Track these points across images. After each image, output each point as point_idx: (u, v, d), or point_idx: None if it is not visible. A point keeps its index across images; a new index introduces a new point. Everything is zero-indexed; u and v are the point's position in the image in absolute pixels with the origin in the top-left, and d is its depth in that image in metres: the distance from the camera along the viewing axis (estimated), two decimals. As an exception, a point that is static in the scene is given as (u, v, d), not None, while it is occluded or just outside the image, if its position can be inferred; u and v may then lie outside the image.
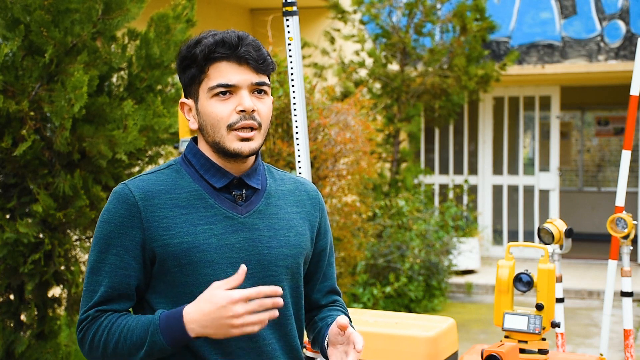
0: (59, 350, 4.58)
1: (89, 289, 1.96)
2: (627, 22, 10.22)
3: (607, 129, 13.82)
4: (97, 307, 1.94)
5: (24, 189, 4.42)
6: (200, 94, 1.98)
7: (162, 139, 4.74)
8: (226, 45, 1.94)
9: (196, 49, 1.97)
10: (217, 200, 1.99)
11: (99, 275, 1.95)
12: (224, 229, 1.97)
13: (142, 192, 1.96)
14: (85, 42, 4.29)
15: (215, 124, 1.96)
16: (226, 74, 1.95)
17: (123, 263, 1.94)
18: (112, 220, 1.95)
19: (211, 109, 1.95)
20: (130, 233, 1.93)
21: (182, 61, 2.00)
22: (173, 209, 1.96)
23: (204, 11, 8.96)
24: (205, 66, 1.96)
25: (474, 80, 9.47)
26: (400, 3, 9.63)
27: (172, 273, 1.94)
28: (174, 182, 1.99)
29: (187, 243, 1.93)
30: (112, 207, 1.96)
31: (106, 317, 1.93)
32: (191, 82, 2.00)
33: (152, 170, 2.04)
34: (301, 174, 4.08)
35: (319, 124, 6.60)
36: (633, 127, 4.10)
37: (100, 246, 1.95)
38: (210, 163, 2.01)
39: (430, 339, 3.81)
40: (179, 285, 1.94)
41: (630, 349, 3.95)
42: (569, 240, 3.95)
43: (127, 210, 1.94)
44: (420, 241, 8.37)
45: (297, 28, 3.70)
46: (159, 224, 1.94)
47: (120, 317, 1.93)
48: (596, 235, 12.42)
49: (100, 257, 1.95)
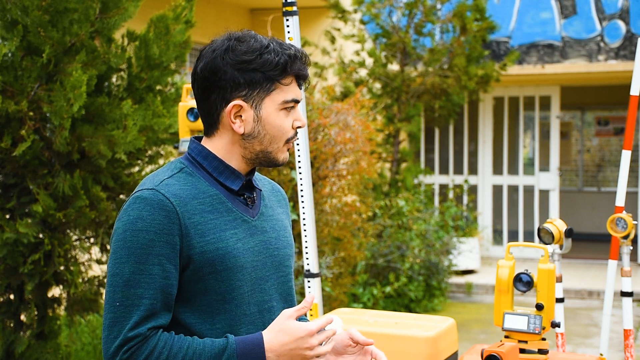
0: (59, 350, 4.58)
1: (126, 303, 1.83)
2: (627, 22, 10.22)
3: (607, 129, 13.82)
4: (144, 323, 1.83)
5: (24, 189, 4.42)
6: (266, 103, 1.95)
7: (162, 139, 4.74)
8: (300, 62, 1.98)
9: (272, 57, 1.93)
10: (233, 204, 1.98)
11: (138, 288, 1.84)
12: (244, 233, 1.97)
13: (177, 198, 1.90)
14: (83, 41, 4.29)
15: (279, 137, 1.98)
16: (294, 88, 1.99)
17: (166, 273, 1.86)
18: (151, 229, 1.85)
19: (280, 122, 1.97)
20: (171, 241, 1.86)
21: (246, 62, 1.93)
22: (203, 214, 1.92)
23: (204, 11, 8.96)
24: (280, 77, 1.95)
25: (474, 80, 9.46)
26: (400, 3, 9.62)
27: (205, 280, 1.90)
28: (194, 187, 1.95)
29: (222, 249, 1.91)
30: (148, 214, 1.86)
31: (159, 338, 1.84)
32: (254, 87, 1.94)
33: (167, 174, 1.97)
34: (301, 174, 4.09)
35: (319, 124, 6.59)
36: (633, 127, 4.10)
37: (137, 256, 1.85)
38: (224, 165, 1.99)
39: (430, 339, 3.81)
40: (211, 292, 1.91)
41: (630, 349, 3.95)
42: (569, 240, 3.95)
43: (165, 217, 1.86)
44: (420, 241, 8.37)
45: (297, 28, 3.70)
46: (196, 230, 1.89)
47: (178, 339, 1.85)
48: (596, 235, 12.42)
49: (139, 268, 1.84)
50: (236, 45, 1.94)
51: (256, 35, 1.98)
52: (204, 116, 2.01)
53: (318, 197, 6.63)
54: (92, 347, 6.01)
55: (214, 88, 1.95)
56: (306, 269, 4.14)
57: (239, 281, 1.93)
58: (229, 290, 1.91)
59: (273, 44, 1.96)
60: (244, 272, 1.94)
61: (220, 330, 1.91)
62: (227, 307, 1.92)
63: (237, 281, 1.92)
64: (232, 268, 1.91)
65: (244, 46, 1.94)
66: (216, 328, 1.91)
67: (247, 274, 1.94)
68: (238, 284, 1.92)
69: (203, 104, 1.99)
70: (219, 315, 1.91)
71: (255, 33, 1.99)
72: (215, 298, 1.91)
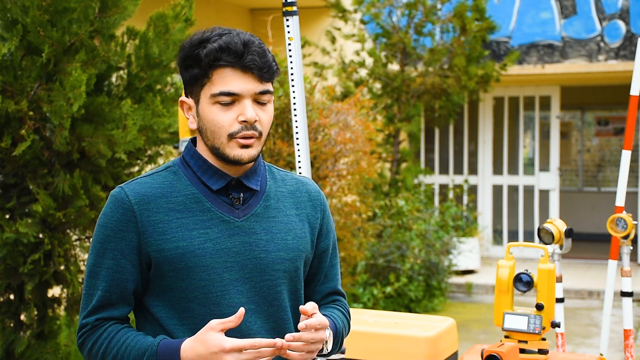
0: (59, 350, 4.58)
1: (88, 292, 1.96)
2: (627, 22, 10.22)
3: (607, 129, 13.82)
4: (96, 313, 1.94)
5: (24, 188, 4.42)
6: (201, 97, 1.94)
7: (162, 138, 4.73)
8: (232, 52, 1.89)
9: (200, 51, 1.91)
10: (214, 203, 1.97)
11: (96, 279, 1.95)
12: (219, 233, 1.95)
13: (138, 196, 1.94)
14: (83, 40, 4.29)
15: (216, 131, 1.93)
16: (230, 81, 1.90)
17: (119, 267, 1.93)
18: (109, 224, 1.94)
19: (212, 116, 1.92)
20: (127, 237, 1.93)
21: (184, 60, 1.96)
22: (169, 212, 1.94)
23: (204, 11, 8.96)
24: (208, 71, 1.91)
25: (474, 80, 9.46)
26: (400, 3, 9.62)
27: (167, 277, 1.93)
28: (170, 185, 1.97)
29: (182, 248, 1.92)
30: (109, 210, 1.95)
31: (106, 329, 1.94)
32: (193, 82, 1.96)
33: (151, 172, 2.03)
34: (301, 174, 4.08)
35: (319, 124, 6.59)
36: (633, 127, 4.10)
37: (97, 250, 1.95)
38: (207, 165, 1.99)
39: (430, 339, 3.81)
40: (174, 290, 1.94)
41: (630, 349, 3.95)
42: (569, 240, 3.94)
43: (122, 214, 1.93)
44: (420, 241, 8.37)
45: (297, 28, 3.70)
46: (155, 229, 1.93)
47: (120, 332, 1.93)
48: (596, 235, 12.42)
49: (98, 261, 1.95)
50: (185, 44, 1.97)
51: (210, 30, 1.95)
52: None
53: (318, 197, 6.62)
54: (92, 347, 6.01)
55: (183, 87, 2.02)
56: (306, 269, 4.13)
57: (202, 281, 1.92)
58: (191, 289, 1.92)
59: (215, 38, 1.91)
60: (211, 272, 1.93)
61: (189, 327, 1.92)
62: (191, 306, 1.93)
63: (200, 280, 1.92)
64: (194, 267, 1.92)
65: (187, 43, 1.96)
66: (183, 324, 1.94)
67: (216, 274, 1.93)
68: (201, 284, 1.92)
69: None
70: (184, 312, 1.94)
71: (218, 27, 1.96)
72: (179, 296, 1.94)
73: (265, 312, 1.98)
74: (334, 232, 2.19)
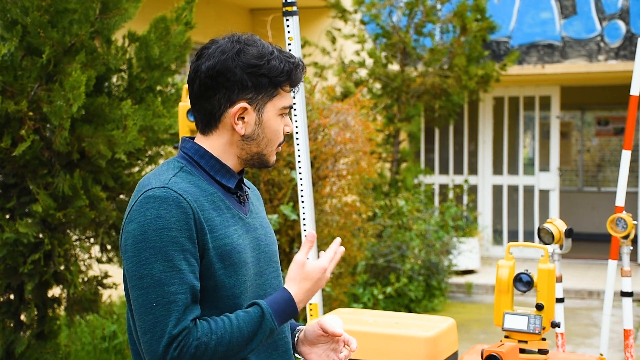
0: (59, 350, 4.58)
1: (163, 302, 1.84)
2: (627, 22, 10.22)
3: (607, 129, 13.82)
4: (185, 318, 1.85)
5: (24, 189, 4.42)
6: (268, 107, 2.02)
7: (162, 139, 4.74)
8: (300, 70, 2.05)
9: (277, 64, 1.99)
10: (230, 201, 2.03)
11: (171, 285, 1.85)
12: (242, 230, 2.02)
13: (189, 194, 1.92)
14: (83, 42, 4.29)
15: (275, 140, 2.05)
16: (290, 95, 2.08)
17: (192, 267, 1.89)
18: (172, 226, 1.87)
19: (277, 127, 2.05)
20: (192, 236, 1.89)
21: (255, 67, 1.98)
22: (210, 211, 1.95)
23: (204, 11, 8.96)
24: (283, 84, 2.02)
25: (474, 80, 9.46)
26: (400, 3, 9.62)
27: (217, 276, 1.93)
28: (197, 185, 1.97)
29: (229, 245, 1.96)
30: (166, 212, 1.87)
31: (201, 326, 1.87)
32: (260, 91, 2.00)
33: (171, 173, 1.98)
34: (301, 174, 4.09)
35: (319, 124, 6.59)
36: (633, 127, 4.10)
37: (164, 255, 1.86)
38: (220, 164, 2.03)
39: (430, 339, 3.81)
40: (222, 289, 1.94)
41: (630, 349, 3.95)
42: (569, 240, 3.94)
43: (183, 213, 1.88)
44: (420, 241, 8.37)
45: (297, 28, 3.70)
46: (208, 226, 1.93)
47: (215, 323, 1.89)
48: (596, 235, 12.42)
49: (168, 266, 1.86)
50: (246, 49, 1.99)
51: (261, 39, 2.04)
52: (203, 114, 2.02)
53: (318, 197, 6.63)
54: (92, 347, 6.01)
55: (220, 88, 1.98)
56: (306, 269, 4.13)
57: (243, 276, 1.98)
58: (237, 285, 1.96)
59: (276, 51, 2.03)
60: (247, 267, 1.99)
61: None
62: (238, 302, 1.96)
63: (242, 276, 1.97)
64: (238, 263, 1.96)
65: (254, 50, 1.99)
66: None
67: (249, 269, 2.00)
68: (243, 279, 1.98)
69: (204, 102, 2.01)
70: (230, 310, 1.95)
71: (259, 37, 2.05)
72: (226, 294, 1.95)
73: None
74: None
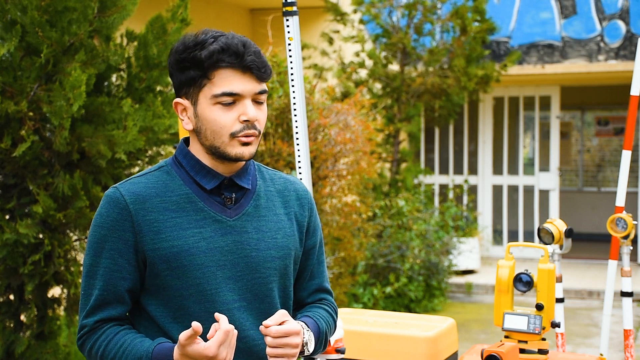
0: (59, 350, 4.58)
1: (86, 292, 1.99)
2: (627, 22, 10.22)
3: (607, 129, 13.82)
4: (95, 313, 1.97)
5: (24, 189, 4.42)
6: (200, 98, 1.97)
7: (162, 139, 4.73)
8: (232, 53, 1.93)
9: (198, 52, 1.94)
10: (206, 203, 2.01)
11: (94, 279, 1.97)
12: (212, 232, 1.99)
13: (133, 196, 1.97)
14: (82, 40, 4.29)
15: (218, 131, 1.96)
16: (231, 82, 1.94)
17: (116, 266, 1.96)
18: (105, 224, 1.97)
19: (214, 117, 1.95)
20: (123, 236, 1.96)
21: (180, 61, 1.98)
22: (163, 212, 1.97)
23: (204, 11, 8.96)
24: (209, 72, 1.94)
25: (474, 81, 9.46)
26: (400, 3, 9.62)
27: (162, 276, 1.96)
28: (164, 185, 2.00)
29: (177, 247, 1.96)
30: (104, 210, 1.97)
31: (104, 331, 1.97)
32: (189, 83, 1.98)
33: (144, 172, 2.05)
34: (301, 174, 4.08)
35: (319, 124, 6.59)
36: (633, 127, 4.10)
37: (94, 250, 1.98)
38: (200, 165, 2.02)
39: (430, 339, 3.81)
40: (169, 289, 1.97)
41: (630, 349, 3.95)
42: (569, 240, 3.94)
43: (118, 214, 1.96)
44: (420, 241, 8.37)
45: (297, 28, 3.70)
46: (150, 228, 1.96)
47: (118, 334, 1.96)
48: (596, 235, 12.42)
49: (95, 261, 1.98)
50: (176, 45, 2.00)
51: (203, 32, 1.98)
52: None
53: (318, 197, 6.63)
54: (92, 347, 6.01)
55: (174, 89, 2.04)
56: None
57: (196, 279, 1.96)
58: (185, 287, 1.96)
59: (211, 40, 1.95)
60: (205, 271, 1.97)
61: (183, 325, 1.95)
62: (186, 304, 1.97)
63: (195, 279, 1.96)
64: (188, 266, 1.96)
65: (180, 45, 1.99)
66: (178, 322, 1.97)
67: (210, 272, 1.97)
68: (196, 282, 1.96)
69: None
70: (179, 310, 1.97)
71: (209, 30, 1.99)
72: (174, 294, 1.97)
73: (257, 309, 2.03)
74: (320, 230, 2.24)
